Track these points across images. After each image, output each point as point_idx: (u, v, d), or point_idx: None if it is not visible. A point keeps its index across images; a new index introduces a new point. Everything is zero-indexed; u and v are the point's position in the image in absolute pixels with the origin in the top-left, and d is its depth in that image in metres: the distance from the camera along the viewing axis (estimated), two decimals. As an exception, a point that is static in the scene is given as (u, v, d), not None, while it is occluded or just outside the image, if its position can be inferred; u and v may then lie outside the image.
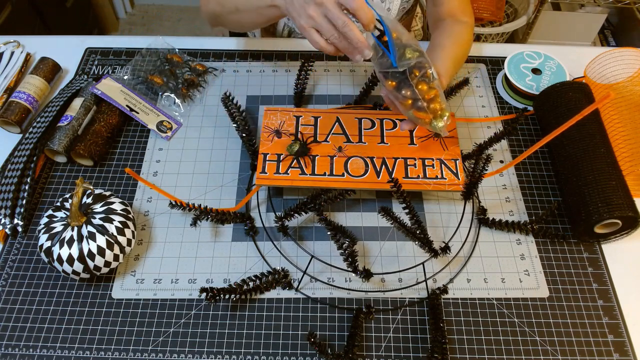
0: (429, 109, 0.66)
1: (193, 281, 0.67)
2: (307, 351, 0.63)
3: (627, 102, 0.80)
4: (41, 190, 0.75)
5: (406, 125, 0.73)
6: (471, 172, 0.75)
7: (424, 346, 0.63)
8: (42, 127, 0.78)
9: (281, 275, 0.67)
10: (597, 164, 0.70)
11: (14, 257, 0.69)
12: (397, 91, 0.66)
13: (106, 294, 0.66)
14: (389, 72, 0.65)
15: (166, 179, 0.77)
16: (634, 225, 0.68)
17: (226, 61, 0.93)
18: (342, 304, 0.66)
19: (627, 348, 0.63)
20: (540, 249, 0.71)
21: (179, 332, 0.64)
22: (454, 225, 0.73)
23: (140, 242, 0.71)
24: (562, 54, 0.92)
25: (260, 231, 0.72)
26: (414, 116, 0.68)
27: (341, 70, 0.92)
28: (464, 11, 0.85)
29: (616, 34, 1.91)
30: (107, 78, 0.84)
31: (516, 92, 0.87)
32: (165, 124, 0.82)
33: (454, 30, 0.83)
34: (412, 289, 0.68)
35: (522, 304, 0.66)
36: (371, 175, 0.71)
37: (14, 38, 0.93)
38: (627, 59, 0.83)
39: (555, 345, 0.63)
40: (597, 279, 0.69)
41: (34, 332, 0.63)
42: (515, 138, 0.83)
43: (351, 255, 0.63)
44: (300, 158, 0.72)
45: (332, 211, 0.74)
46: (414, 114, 0.68)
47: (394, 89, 0.66)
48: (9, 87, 0.85)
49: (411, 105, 0.67)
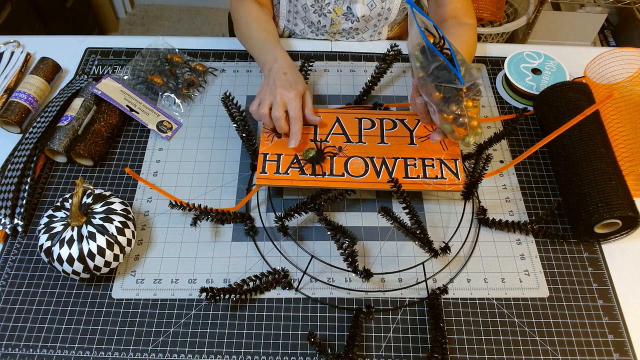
0: (469, 125, 0.66)
1: (193, 281, 0.67)
2: (307, 351, 0.63)
3: (627, 102, 0.80)
4: (41, 190, 0.75)
5: (437, 136, 0.73)
6: (471, 172, 0.75)
7: (424, 346, 0.63)
8: (42, 127, 0.78)
9: (281, 275, 0.67)
10: (597, 164, 0.70)
11: (14, 257, 0.69)
12: (444, 104, 0.66)
13: (106, 294, 0.66)
14: (443, 86, 0.64)
15: (166, 179, 0.77)
16: (634, 225, 0.68)
17: (226, 61, 0.93)
18: (342, 304, 0.66)
19: (627, 348, 0.63)
20: (540, 249, 0.71)
21: (179, 332, 0.64)
22: (454, 225, 0.73)
23: (140, 242, 0.71)
24: (562, 54, 0.92)
25: (260, 231, 0.72)
26: (452, 130, 0.68)
27: (341, 70, 0.92)
28: (466, 12, 0.85)
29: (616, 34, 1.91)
30: (107, 78, 0.84)
31: (516, 92, 0.87)
32: (165, 124, 0.82)
33: (459, 33, 0.83)
34: (412, 289, 0.68)
35: (522, 304, 0.66)
36: (371, 175, 0.71)
37: (14, 38, 0.93)
38: (627, 59, 0.83)
39: (555, 345, 0.63)
40: (597, 279, 0.69)
41: (34, 332, 0.63)
42: (515, 138, 0.83)
43: (351, 255, 0.63)
44: (316, 165, 0.71)
45: (332, 211, 0.74)
46: (454, 128, 0.67)
47: (440, 101, 0.66)
48: (9, 87, 0.85)
49: (453, 120, 0.67)
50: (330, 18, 0.92)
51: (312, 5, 0.90)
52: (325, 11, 0.91)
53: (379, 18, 0.92)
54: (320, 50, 0.95)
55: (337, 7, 0.90)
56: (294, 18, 0.95)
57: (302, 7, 0.91)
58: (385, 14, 0.91)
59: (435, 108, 0.68)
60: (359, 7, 0.89)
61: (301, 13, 0.93)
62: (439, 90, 0.65)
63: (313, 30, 0.96)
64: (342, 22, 0.92)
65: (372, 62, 0.93)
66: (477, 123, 0.67)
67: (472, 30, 0.84)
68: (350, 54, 0.95)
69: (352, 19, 0.91)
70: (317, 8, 0.91)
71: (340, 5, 0.89)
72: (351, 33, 0.95)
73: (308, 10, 0.91)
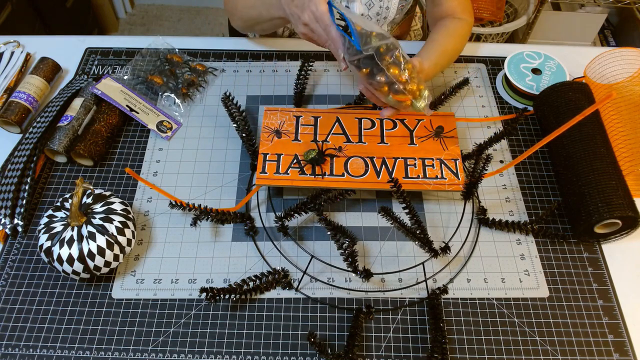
0: (406, 90, 0.65)
1: (193, 281, 0.67)
2: (307, 351, 0.63)
3: (627, 102, 0.80)
4: (41, 190, 0.75)
5: (387, 112, 0.71)
6: (471, 172, 0.75)
7: (424, 346, 0.63)
8: (42, 127, 0.78)
9: (281, 275, 0.67)
10: (597, 164, 0.70)
11: (14, 257, 0.69)
12: (372, 78, 0.65)
13: (106, 294, 0.66)
14: (360, 60, 0.64)
15: (166, 179, 0.77)
16: (634, 225, 0.68)
17: (226, 61, 0.93)
18: (342, 304, 0.66)
19: (627, 348, 0.63)
20: (540, 249, 0.71)
21: (179, 332, 0.64)
22: (454, 225, 0.73)
23: (140, 242, 0.71)
24: (562, 54, 0.92)
25: (260, 231, 0.72)
26: (394, 100, 0.66)
27: (341, 70, 0.92)
28: (464, 10, 0.85)
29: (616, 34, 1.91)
30: (107, 78, 0.84)
31: (516, 92, 0.87)
32: (165, 124, 0.82)
33: (449, 25, 0.83)
34: (412, 289, 0.68)
35: (522, 304, 0.66)
36: (371, 175, 0.71)
37: (14, 38, 0.93)
38: (627, 59, 0.83)
39: (555, 345, 0.63)
40: (597, 279, 0.69)
41: (34, 332, 0.63)
42: (515, 138, 0.83)
43: (351, 255, 0.63)
44: (316, 166, 0.71)
45: (332, 211, 0.74)
46: (393, 98, 0.66)
47: (368, 77, 0.65)
48: (9, 87, 0.85)
49: (389, 90, 0.65)
50: None
51: None
52: None
53: (377, 17, 0.92)
54: (320, 50, 0.95)
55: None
56: None
57: None
58: (384, 12, 0.91)
59: (370, 86, 0.67)
60: (357, 5, 0.89)
61: None
62: (361, 67, 0.65)
63: None
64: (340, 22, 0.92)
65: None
66: (416, 86, 0.66)
67: (464, 25, 0.84)
68: (350, 54, 0.95)
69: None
70: None
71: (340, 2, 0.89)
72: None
73: None
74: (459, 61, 0.94)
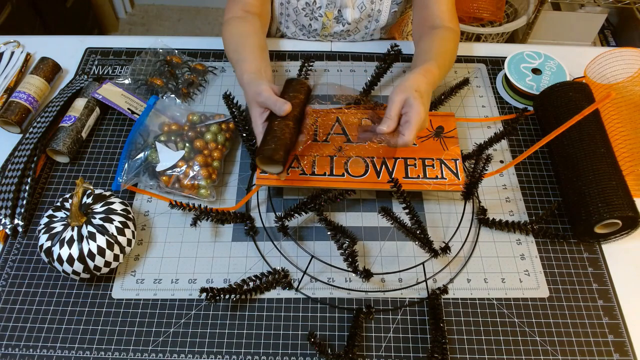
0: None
1: (193, 281, 0.67)
2: (307, 351, 0.63)
3: (627, 102, 0.80)
4: (41, 190, 0.75)
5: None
6: (471, 172, 0.75)
7: (424, 346, 0.63)
8: (42, 127, 0.78)
9: (281, 275, 0.67)
10: (597, 164, 0.70)
11: (14, 257, 0.69)
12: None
13: (106, 294, 0.66)
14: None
15: (166, 179, 0.77)
16: (634, 225, 0.68)
17: (226, 61, 0.93)
18: (342, 304, 0.66)
19: (627, 348, 0.63)
20: (540, 249, 0.71)
21: (179, 332, 0.64)
22: (454, 225, 0.73)
23: (140, 242, 0.71)
24: (562, 54, 0.92)
25: (260, 231, 0.72)
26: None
27: (341, 71, 0.92)
28: (451, 18, 0.84)
29: (616, 34, 1.91)
30: (108, 83, 0.83)
31: (516, 92, 0.87)
32: (165, 124, 0.82)
33: (443, 34, 0.81)
34: (412, 289, 0.68)
35: (522, 304, 0.66)
36: (371, 175, 0.71)
37: (14, 38, 0.93)
38: (627, 59, 0.83)
39: (555, 345, 0.63)
40: (597, 279, 0.69)
41: (34, 332, 0.63)
42: (515, 138, 0.83)
43: (351, 255, 0.63)
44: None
45: (332, 211, 0.74)
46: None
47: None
48: (9, 87, 0.85)
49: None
50: (321, 22, 0.92)
51: (304, 9, 0.90)
52: (316, 15, 0.91)
53: (369, 19, 0.92)
54: (320, 50, 0.95)
55: (329, 11, 0.90)
56: (285, 21, 0.95)
57: (293, 11, 0.91)
58: (375, 15, 0.91)
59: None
60: (349, 11, 0.89)
61: (292, 16, 0.93)
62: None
63: (304, 33, 0.96)
64: (333, 26, 0.92)
65: (372, 62, 0.93)
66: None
67: (455, 36, 0.83)
68: (350, 54, 0.95)
69: (343, 22, 0.91)
70: (309, 12, 0.91)
71: (332, 9, 0.89)
72: (342, 35, 0.95)
73: (299, 13, 0.91)
74: (459, 61, 0.94)
